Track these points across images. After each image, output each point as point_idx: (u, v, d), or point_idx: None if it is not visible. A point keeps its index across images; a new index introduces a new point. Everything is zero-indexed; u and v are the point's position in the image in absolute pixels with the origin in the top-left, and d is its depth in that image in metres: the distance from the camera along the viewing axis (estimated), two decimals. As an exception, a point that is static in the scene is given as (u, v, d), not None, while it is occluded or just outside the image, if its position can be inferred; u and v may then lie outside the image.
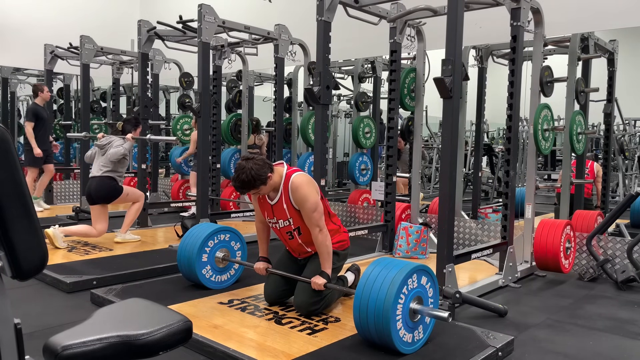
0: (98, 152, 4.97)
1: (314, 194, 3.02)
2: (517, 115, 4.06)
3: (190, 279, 3.65)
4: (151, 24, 5.79)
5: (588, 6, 5.12)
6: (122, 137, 5.01)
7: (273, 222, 3.18)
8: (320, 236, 3.01)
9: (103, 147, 4.93)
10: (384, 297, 2.47)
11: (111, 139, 4.98)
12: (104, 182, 4.83)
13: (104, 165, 4.86)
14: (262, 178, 2.93)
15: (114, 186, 4.88)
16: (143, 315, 1.31)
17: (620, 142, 6.96)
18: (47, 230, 4.63)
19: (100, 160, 4.91)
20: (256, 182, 2.92)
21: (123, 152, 4.85)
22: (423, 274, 2.65)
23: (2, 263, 1.07)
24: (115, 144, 4.90)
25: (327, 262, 3.06)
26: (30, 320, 3.11)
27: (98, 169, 4.87)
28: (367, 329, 2.56)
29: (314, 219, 2.99)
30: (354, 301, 2.60)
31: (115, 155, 4.82)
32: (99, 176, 4.84)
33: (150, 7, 10.06)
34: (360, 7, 4.38)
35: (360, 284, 2.61)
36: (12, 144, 1.05)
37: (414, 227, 4.67)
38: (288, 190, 3.03)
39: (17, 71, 9.21)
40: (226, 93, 7.81)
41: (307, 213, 3.01)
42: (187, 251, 3.58)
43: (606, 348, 2.90)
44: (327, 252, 3.04)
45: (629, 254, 4.12)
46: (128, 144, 4.95)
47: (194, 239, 3.61)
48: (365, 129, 6.25)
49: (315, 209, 2.99)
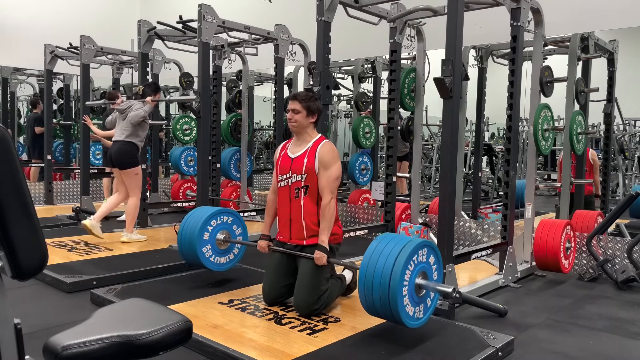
0: (119, 117, 5.09)
1: (339, 162, 3.14)
2: (517, 115, 4.06)
3: (190, 259, 3.65)
4: (151, 24, 5.79)
5: (588, 6, 5.12)
6: (141, 101, 5.10)
7: (286, 177, 3.19)
8: (330, 203, 3.06)
9: (123, 111, 5.04)
10: (390, 270, 2.51)
11: (131, 103, 5.09)
12: (124, 147, 4.98)
13: (126, 129, 4.99)
14: (318, 106, 3.17)
15: (133, 153, 5.02)
16: (143, 315, 1.30)
17: (620, 142, 6.96)
18: (84, 222, 4.80)
19: (121, 125, 5.04)
20: (314, 104, 3.14)
21: (143, 114, 4.97)
22: (427, 249, 2.70)
23: (2, 263, 1.07)
24: (135, 107, 5.00)
25: (327, 231, 3.07)
26: (30, 320, 3.11)
27: (120, 133, 5.02)
28: (372, 303, 2.60)
29: (333, 185, 3.08)
30: (359, 274, 2.64)
31: (136, 117, 4.93)
32: (121, 140, 4.99)
33: (150, 7, 10.06)
34: (360, 7, 4.37)
35: (365, 258, 2.64)
36: (12, 144, 1.05)
37: (414, 227, 4.67)
38: (317, 147, 3.13)
39: (17, 71, 9.21)
40: (226, 93, 7.81)
41: (329, 176, 3.08)
42: (189, 231, 3.59)
43: (606, 348, 2.90)
44: (329, 220, 3.07)
45: (629, 254, 4.12)
46: (148, 106, 5.05)
47: (196, 219, 3.61)
48: (365, 129, 6.25)
49: (338, 175, 3.11)
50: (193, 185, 7.31)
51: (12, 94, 9.15)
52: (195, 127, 7.10)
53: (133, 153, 5.01)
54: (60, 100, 9.27)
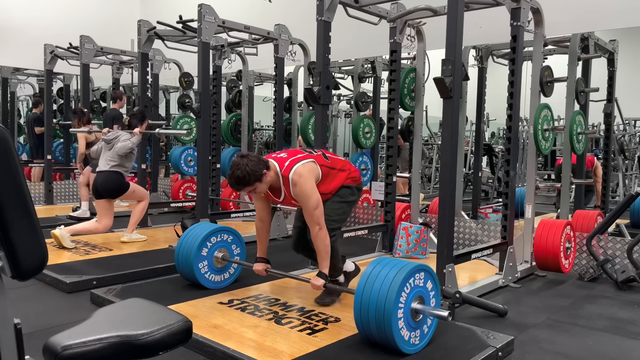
0: (104, 146, 5.00)
1: (314, 192, 3.03)
2: (517, 115, 4.06)
3: (187, 277, 3.65)
4: (151, 24, 5.79)
5: (588, 6, 5.12)
6: (129, 132, 5.04)
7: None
8: (320, 235, 3.02)
9: (110, 141, 4.96)
10: (385, 296, 2.47)
11: (118, 134, 5.01)
12: (110, 177, 4.86)
13: (111, 159, 4.89)
14: (257, 174, 2.91)
15: (121, 181, 4.92)
16: (143, 315, 1.30)
17: (620, 142, 6.95)
18: (53, 232, 4.64)
19: (107, 155, 4.94)
20: (251, 179, 2.91)
21: (131, 146, 4.90)
22: (424, 274, 2.65)
23: (2, 263, 1.07)
24: (122, 138, 4.93)
25: (325, 261, 3.07)
26: (30, 320, 3.11)
27: (105, 164, 4.90)
28: (368, 329, 2.56)
29: (315, 216, 3.01)
30: (354, 301, 2.60)
31: (123, 149, 4.86)
32: (106, 171, 4.88)
33: (150, 7, 10.06)
34: (360, 7, 4.37)
35: (360, 283, 2.61)
36: (12, 144, 1.05)
37: (414, 227, 4.67)
38: (289, 187, 3.05)
39: (17, 71, 9.20)
40: (226, 93, 7.80)
41: (308, 211, 3.03)
42: (186, 249, 3.58)
43: (606, 348, 2.90)
44: (325, 250, 3.05)
45: (629, 254, 4.12)
46: (136, 138, 4.99)
47: (193, 237, 3.61)
48: (365, 129, 6.25)
49: (317, 206, 3.01)
50: (193, 185, 7.31)
51: (12, 94, 9.15)
52: (195, 127, 7.10)
53: (120, 180, 4.90)
54: (60, 100, 9.27)
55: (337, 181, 3.23)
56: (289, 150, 3.29)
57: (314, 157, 3.16)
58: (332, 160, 3.27)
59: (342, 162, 3.36)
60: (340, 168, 3.28)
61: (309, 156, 3.16)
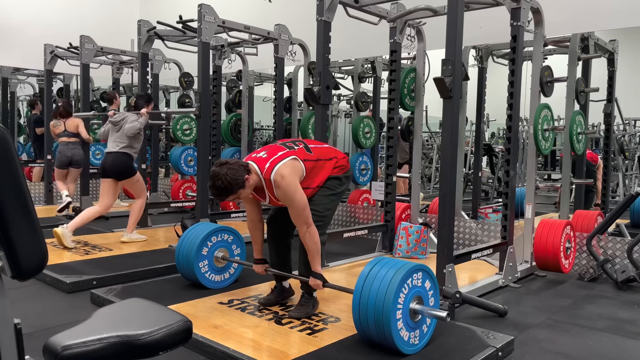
0: (112, 128, 5.05)
1: (299, 192, 2.89)
2: (517, 115, 4.06)
3: (187, 277, 3.65)
4: (151, 24, 5.79)
5: (588, 6, 5.12)
6: (136, 113, 5.08)
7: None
8: (308, 234, 2.92)
9: (117, 123, 5.01)
10: (383, 297, 2.47)
11: (125, 115, 5.06)
12: (119, 157, 4.93)
13: (120, 140, 4.95)
14: (238, 182, 2.77)
15: (129, 163, 4.99)
16: (143, 315, 1.30)
17: (620, 142, 6.96)
18: (55, 230, 4.67)
19: (115, 136, 4.99)
20: (233, 188, 2.77)
21: (139, 126, 4.96)
22: (422, 274, 2.65)
23: (2, 263, 1.07)
24: (130, 119, 4.98)
25: (317, 260, 2.98)
26: (30, 320, 3.11)
27: (114, 145, 4.96)
28: (367, 329, 2.56)
29: (303, 216, 2.90)
30: (353, 301, 2.60)
31: (132, 129, 4.91)
32: (116, 152, 4.94)
33: (150, 7, 10.05)
34: (360, 7, 4.37)
35: (359, 283, 2.61)
36: (12, 144, 1.05)
37: (414, 227, 4.67)
38: (272, 189, 2.92)
39: (17, 71, 9.21)
40: (226, 93, 7.80)
41: (294, 212, 2.91)
42: (186, 248, 3.58)
43: (606, 348, 2.90)
44: (315, 249, 2.96)
45: (629, 254, 4.12)
46: (143, 118, 5.04)
47: (194, 237, 3.61)
48: (365, 129, 6.25)
49: (304, 207, 2.89)
50: (193, 185, 7.31)
51: (12, 94, 9.15)
52: (195, 127, 7.10)
53: (129, 163, 4.97)
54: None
55: (324, 173, 3.10)
56: (270, 147, 3.06)
57: (295, 154, 2.98)
58: (316, 152, 3.11)
59: (326, 149, 3.22)
60: (326, 157, 3.14)
61: (290, 153, 2.97)
